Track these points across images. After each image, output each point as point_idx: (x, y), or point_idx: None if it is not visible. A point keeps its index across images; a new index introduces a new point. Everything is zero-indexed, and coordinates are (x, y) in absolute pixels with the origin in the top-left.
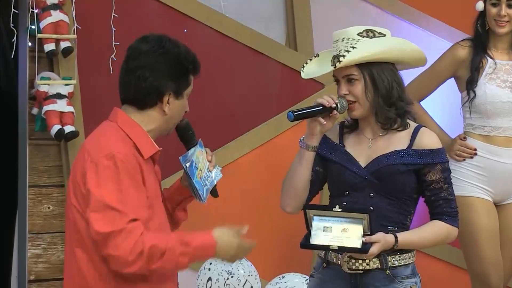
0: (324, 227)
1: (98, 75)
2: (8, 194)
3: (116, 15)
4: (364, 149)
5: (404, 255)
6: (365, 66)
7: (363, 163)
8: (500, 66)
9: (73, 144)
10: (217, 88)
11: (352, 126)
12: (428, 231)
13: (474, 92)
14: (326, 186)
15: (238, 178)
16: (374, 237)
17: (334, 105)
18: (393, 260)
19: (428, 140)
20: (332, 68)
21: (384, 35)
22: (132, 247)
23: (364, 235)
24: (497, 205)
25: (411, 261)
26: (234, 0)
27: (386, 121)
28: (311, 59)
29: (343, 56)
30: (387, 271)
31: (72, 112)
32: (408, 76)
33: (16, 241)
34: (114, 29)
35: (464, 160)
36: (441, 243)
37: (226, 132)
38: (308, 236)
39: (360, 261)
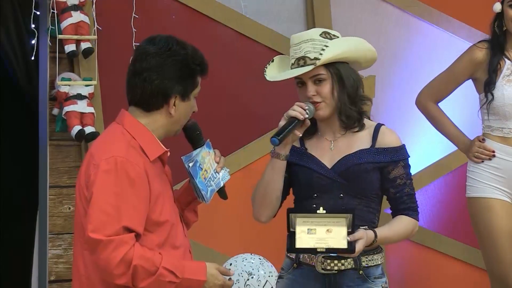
0: (308, 229)
1: (119, 76)
2: (29, 195)
3: (137, 16)
4: (326, 151)
5: (376, 255)
6: (331, 66)
7: (328, 165)
8: None
9: None
10: (237, 89)
11: (310, 130)
12: (400, 227)
13: (492, 94)
14: None
15: (257, 179)
16: (357, 235)
17: (307, 115)
18: (367, 261)
19: (390, 138)
20: (308, 68)
21: (338, 37)
22: (119, 261)
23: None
24: None
25: (381, 261)
26: (254, 1)
27: (349, 120)
28: (269, 64)
29: (320, 53)
30: (361, 271)
31: (93, 113)
32: (425, 77)
33: (37, 241)
34: (134, 30)
35: (482, 161)
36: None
37: (246, 133)
38: (292, 239)
39: (336, 261)
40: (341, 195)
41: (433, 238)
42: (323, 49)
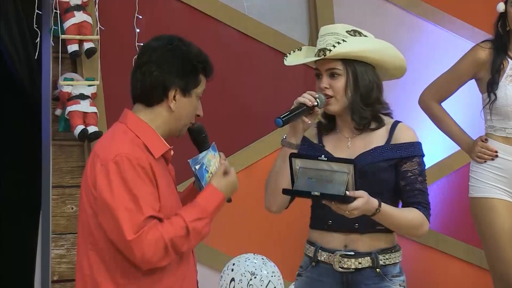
0: (308, 177)
1: (121, 76)
2: (32, 195)
3: (140, 16)
4: (343, 149)
5: (393, 253)
6: (350, 63)
7: None
8: None
9: None
10: (240, 89)
11: (329, 126)
12: (406, 212)
13: (495, 94)
14: None
15: (260, 179)
16: (358, 192)
17: (315, 103)
18: (384, 259)
19: (406, 134)
20: (318, 58)
21: (367, 37)
22: (154, 248)
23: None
24: None
25: (399, 260)
26: (257, 1)
27: (361, 120)
28: (294, 51)
29: (334, 46)
30: (378, 269)
31: (95, 113)
32: (428, 77)
33: (40, 241)
34: (137, 30)
35: (485, 162)
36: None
37: (249, 133)
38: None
39: (353, 260)
40: None
41: (435, 238)
42: (338, 42)
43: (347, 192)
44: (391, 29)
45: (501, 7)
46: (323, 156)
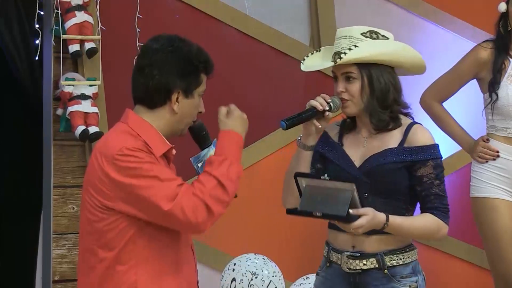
0: (313, 196)
1: (123, 76)
2: (33, 195)
3: (141, 16)
4: (359, 149)
5: (404, 254)
6: (364, 66)
7: (357, 163)
8: None
9: None
10: (241, 89)
11: (351, 125)
12: (419, 221)
13: (497, 94)
14: None
15: (261, 179)
16: (362, 210)
17: (327, 107)
18: (391, 260)
19: (419, 137)
20: (332, 64)
21: (387, 38)
22: (196, 209)
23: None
24: None
25: (411, 260)
26: (258, 1)
27: (380, 122)
28: (312, 53)
29: (344, 53)
30: (385, 270)
31: (97, 113)
32: (429, 77)
33: (41, 241)
34: (138, 30)
35: (486, 162)
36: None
37: (250, 133)
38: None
39: (357, 261)
40: (366, 194)
41: None
42: (350, 49)
43: (350, 211)
44: (392, 29)
45: (502, 7)
46: (326, 175)
